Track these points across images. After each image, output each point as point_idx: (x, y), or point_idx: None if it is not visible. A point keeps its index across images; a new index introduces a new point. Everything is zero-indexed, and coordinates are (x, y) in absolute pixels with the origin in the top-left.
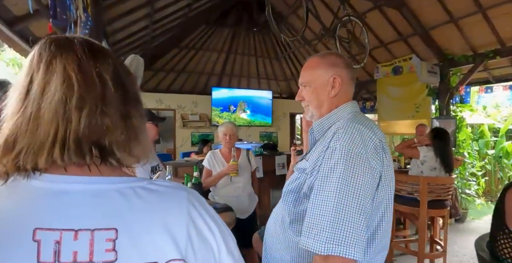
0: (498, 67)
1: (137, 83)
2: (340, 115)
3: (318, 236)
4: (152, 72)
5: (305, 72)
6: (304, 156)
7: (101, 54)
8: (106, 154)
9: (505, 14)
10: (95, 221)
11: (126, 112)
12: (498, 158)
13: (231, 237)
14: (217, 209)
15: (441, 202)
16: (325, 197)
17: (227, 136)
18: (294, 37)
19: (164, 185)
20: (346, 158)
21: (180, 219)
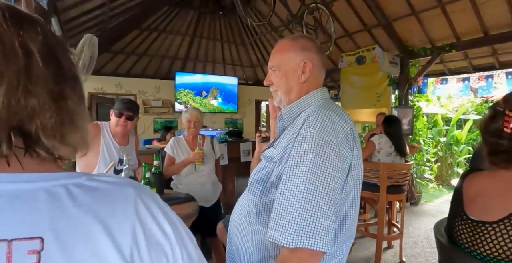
0: (453, 60)
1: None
2: (311, 101)
3: (286, 228)
4: (111, 54)
5: (275, 55)
6: (272, 144)
7: (27, 22)
8: (32, 142)
9: (461, 10)
10: (14, 229)
11: (59, 92)
12: (449, 145)
13: (189, 238)
14: (180, 199)
15: (399, 187)
16: (293, 187)
17: (191, 123)
18: (260, 22)
19: (107, 181)
20: (317, 146)
21: (124, 221)
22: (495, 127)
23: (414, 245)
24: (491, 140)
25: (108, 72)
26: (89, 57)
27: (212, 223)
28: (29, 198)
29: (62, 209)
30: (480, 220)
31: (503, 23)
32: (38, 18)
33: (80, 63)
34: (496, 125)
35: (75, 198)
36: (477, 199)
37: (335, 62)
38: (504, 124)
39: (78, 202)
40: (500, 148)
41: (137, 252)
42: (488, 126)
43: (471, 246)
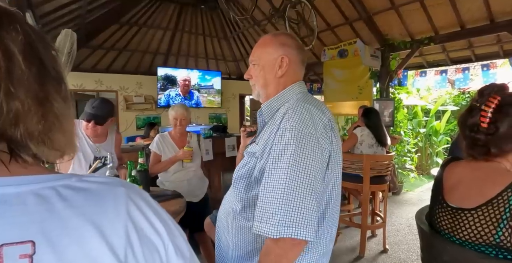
0: (432, 53)
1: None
2: (289, 95)
3: (270, 220)
4: (89, 49)
5: (256, 49)
6: (254, 139)
7: (5, 18)
8: (18, 148)
9: (439, 4)
10: (3, 234)
11: (44, 95)
12: (428, 136)
13: (181, 235)
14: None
15: (382, 178)
16: (276, 180)
17: (177, 120)
18: (243, 16)
19: (97, 182)
20: (297, 138)
21: (117, 221)
22: (472, 122)
23: (396, 233)
24: (469, 134)
25: (88, 68)
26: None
27: (200, 218)
28: (18, 202)
29: (52, 211)
30: (459, 207)
31: (479, 17)
32: (16, 12)
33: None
34: (473, 120)
35: (65, 200)
36: (456, 187)
37: (317, 56)
38: (480, 119)
39: (69, 203)
40: (477, 142)
41: (131, 252)
42: (466, 121)
43: (451, 231)
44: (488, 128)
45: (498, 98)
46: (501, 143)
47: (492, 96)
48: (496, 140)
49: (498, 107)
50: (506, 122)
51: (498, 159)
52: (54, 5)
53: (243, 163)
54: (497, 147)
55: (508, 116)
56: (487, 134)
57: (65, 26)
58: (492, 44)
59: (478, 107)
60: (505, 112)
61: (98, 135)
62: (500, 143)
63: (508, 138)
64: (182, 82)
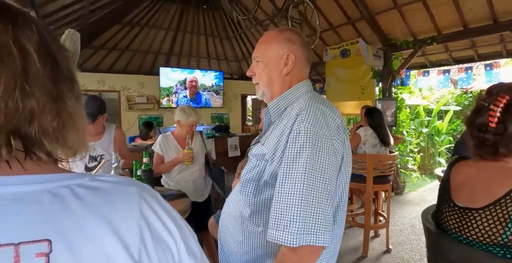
0: (434, 53)
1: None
2: (296, 94)
3: (288, 228)
4: (92, 49)
5: (260, 45)
6: (259, 139)
7: (19, 18)
8: (32, 146)
9: (442, 4)
10: (20, 232)
11: (58, 93)
12: (431, 136)
13: (191, 234)
14: (172, 196)
15: (385, 178)
16: (291, 185)
17: (194, 126)
18: (246, 16)
19: (109, 181)
20: (312, 141)
21: (131, 220)
22: (480, 122)
23: (399, 233)
24: (477, 134)
25: (90, 68)
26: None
27: (204, 218)
28: (34, 200)
29: (68, 210)
30: (467, 206)
31: (482, 16)
32: (28, 12)
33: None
34: (481, 119)
35: (80, 199)
36: (464, 187)
37: (320, 56)
38: (489, 119)
39: (83, 202)
40: (486, 142)
41: (145, 252)
42: (473, 120)
43: (458, 231)
44: (497, 128)
45: (507, 98)
46: (510, 143)
47: (500, 96)
48: (505, 140)
49: (506, 107)
50: None
51: (506, 159)
52: (57, 5)
53: (251, 166)
54: (506, 147)
55: None
56: (496, 134)
57: (68, 26)
58: (495, 44)
59: (486, 106)
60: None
61: (91, 134)
62: (509, 143)
63: None
64: (189, 83)
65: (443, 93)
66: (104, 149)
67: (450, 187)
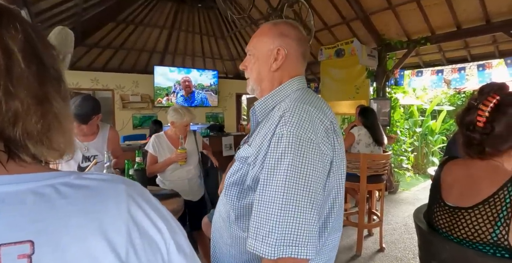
0: (428, 53)
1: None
2: (285, 93)
3: (266, 239)
4: (85, 48)
5: (253, 38)
6: (247, 140)
7: (4, 16)
8: (17, 148)
9: (435, 4)
10: (1, 234)
11: (44, 94)
12: (424, 135)
13: (181, 232)
14: (165, 195)
15: (378, 177)
16: (271, 193)
17: (188, 126)
18: (240, 15)
19: (96, 179)
20: (295, 145)
21: (118, 219)
22: (469, 121)
23: (393, 232)
24: (465, 133)
25: (84, 67)
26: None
27: (199, 217)
28: (16, 201)
29: (52, 210)
30: (457, 206)
31: (475, 17)
32: (15, 9)
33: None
34: (469, 118)
35: (65, 198)
36: (454, 186)
37: (314, 55)
38: (477, 118)
39: (68, 201)
40: (473, 141)
41: (133, 251)
42: (463, 119)
43: (449, 230)
44: (484, 127)
45: (497, 98)
46: (496, 143)
47: (491, 95)
48: (491, 139)
49: (496, 107)
50: (502, 122)
51: (494, 158)
52: (50, 3)
53: (234, 169)
54: (492, 147)
55: (505, 116)
56: (483, 134)
57: (61, 24)
58: (487, 44)
59: (476, 105)
60: (503, 111)
61: (85, 134)
62: (495, 143)
63: (504, 138)
64: (183, 83)
65: (436, 93)
66: (97, 149)
67: (441, 186)
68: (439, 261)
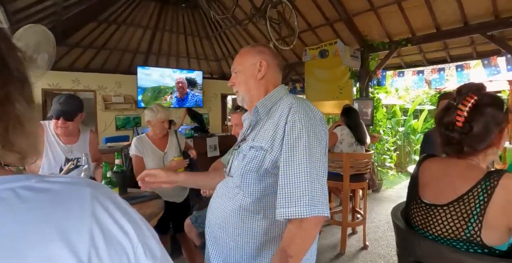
0: (409, 54)
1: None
2: (278, 95)
3: (299, 202)
4: (66, 48)
5: (236, 59)
6: (245, 137)
7: None
8: None
9: (415, 6)
10: None
11: (6, 95)
12: (407, 135)
13: (152, 235)
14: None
15: (361, 176)
16: (297, 165)
17: (164, 123)
18: (224, 15)
19: (59, 182)
20: (307, 127)
21: (80, 223)
22: (448, 120)
23: (376, 230)
24: (444, 132)
25: (64, 67)
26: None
27: (183, 219)
28: None
29: (11, 214)
30: (433, 203)
31: (453, 19)
32: None
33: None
34: (449, 118)
35: (25, 202)
36: (430, 184)
37: (299, 56)
38: (456, 118)
39: (28, 205)
40: (452, 140)
41: (96, 255)
42: (442, 118)
43: (424, 227)
44: (463, 127)
45: (475, 98)
46: (474, 142)
47: (469, 96)
48: (470, 139)
49: (474, 107)
50: (480, 122)
51: (470, 157)
52: (28, 1)
53: (249, 157)
54: (470, 146)
55: (483, 116)
56: (461, 133)
57: (41, 23)
58: (466, 46)
59: (455, 106)
60: (481, 112)
61: (70, 134)
62: (473, 142)
63: (482, 138)
64: (176, 84)
65: (418, 93)
66: (80, 151)
67: (418, 184)
68: (415, 257)
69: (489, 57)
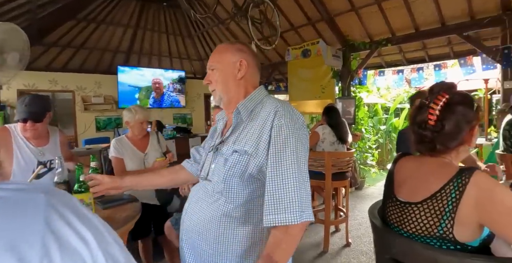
0: (389, 54)
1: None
2: (259, 97)
3: (289, 208)
4: (43, 47)
5: (214, 55)
6: (222, 139)
7: None
8: None
9: (395, 7)
10: None
11: None
12: (388, 133)
13: (115, 242)
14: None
15: (343, 174)
16: (285, 171)
17: (143, 124)
18: (205, 14)
19: (11, 189)
20: (293, 132)
21: (31, 232)
22: (420, 119)
23: (359, 227)
24: (417, 130)
25: (41, 67)
26: None
27: (164, 221)
28: None
29: None
30: (407, 201)
31: (431, 20)
32: None
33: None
34: (421, 117)
35: None
36: (405, 182)
37: (282, 56)
38: (428, 117)
39: None
40: (425, 138)
41: None
42: (415, 117)
43: (399, 225)
44: (435, 125)
45: (447, 97)
46: (446, 140)
47: (440, 94)
48: (442, 137)
49: (446, 105)
50: (452, 120)
51: (443, 155)
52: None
53: (232, 162)
54: (442, 144)
55: (454, 115)
56: (434, 131)
57: (14, 21)
58: (443, 46)
59: (427, 104)
60: (452, 110)
61: (39, 136)
62: (445, 140)
63: (453, 136)
64: (153, 85)
65: (399, 92)
66: (52, 153)
67: (393, 182)
68: (390, 255)
69: (465, 56)
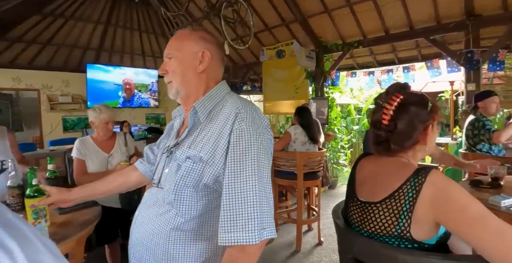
0: (361, 55)
1: None
2: (220, 95)
3: (247, 226)
4: (6, 42)
5: (173, 42)
6: (177, 141)
7: None
8: None
9: (366, 10)
10: None
11: None
12: (361, 133)
13: (46, 249)
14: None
15: (314, 174)
16: (244, 183)
17: (109, 124)
18: (176, 12)
19: None
20: (255, 138)
21: None
22: (375, 119)
23: (331, 226)
24: (373, 131)
25: (4, 63)
26: None
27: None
28: None
29: None
30: (367, 201)
31: (400, 24)
32: None
33: None
34: (376, 117)
35: None
36: (365, 182)
37: (257, 56)
38: (382, 117)
39: None
40: (380, 138)
41: None
42: (371, 118)
43: (360, 225)
44: (388, 125)
45: (401, 97)
46: (400, 139)
47: (395, 95)
48: (395, 136)
49: (400, 106)
50: (404, 120)
51: (400, 154)
52: None
53: (185, 169)
54: (396, 143)
55: (407, 114)
56: (387, 131)
57: None
58: (411, 49)
59: (381, 105)
60: (406, 110)
61: None
62: (398, 139)
63: (407, 135)
64: (124, 85)
65: (371, 93)
66: (2, 154)
67: (355, 182)
68: (352, 254)
69: (432, 59)
